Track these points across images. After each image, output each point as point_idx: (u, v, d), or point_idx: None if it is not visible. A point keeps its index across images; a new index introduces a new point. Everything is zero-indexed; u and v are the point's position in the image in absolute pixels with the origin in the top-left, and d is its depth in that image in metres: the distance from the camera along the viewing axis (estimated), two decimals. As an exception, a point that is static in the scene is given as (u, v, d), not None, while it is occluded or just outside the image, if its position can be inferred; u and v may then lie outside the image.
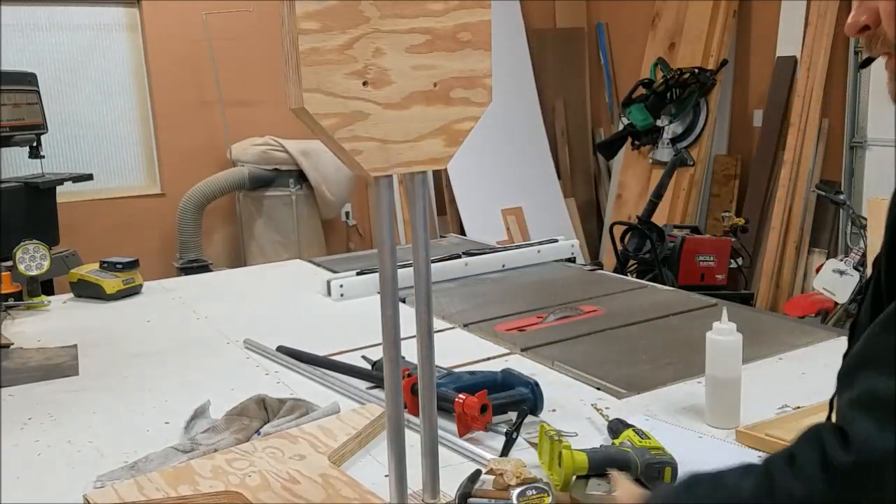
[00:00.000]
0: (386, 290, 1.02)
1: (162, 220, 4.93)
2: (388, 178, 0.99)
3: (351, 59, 0.91)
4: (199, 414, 1.46)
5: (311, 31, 0.88)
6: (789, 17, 4.60)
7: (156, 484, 1.18)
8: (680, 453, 1.16)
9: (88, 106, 4.82)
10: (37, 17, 4.62)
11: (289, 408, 1.46)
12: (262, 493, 1.15)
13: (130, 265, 2.43)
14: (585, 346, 1.83)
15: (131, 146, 5.00)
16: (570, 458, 1.12)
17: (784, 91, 4.62)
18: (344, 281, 2.36)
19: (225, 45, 4.90)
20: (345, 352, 1.81)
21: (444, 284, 2.46)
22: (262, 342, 1.88)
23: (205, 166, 4.95)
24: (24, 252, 2.35)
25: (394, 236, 1.01)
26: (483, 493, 1.13)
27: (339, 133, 0.92)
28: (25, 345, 1.95)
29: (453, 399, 1.34)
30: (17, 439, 1.43)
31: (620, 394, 1.53)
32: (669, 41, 5.17)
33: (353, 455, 1.32)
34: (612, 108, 5.81)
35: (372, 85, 0.93)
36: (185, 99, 4.95)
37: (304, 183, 4.94)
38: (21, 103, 3.90)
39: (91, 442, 1.41)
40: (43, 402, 1.61)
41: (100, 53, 4.82)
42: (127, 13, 4.87)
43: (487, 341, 1.90)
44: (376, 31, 0.92)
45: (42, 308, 2.31)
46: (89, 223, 4.66)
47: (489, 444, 1.31)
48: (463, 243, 3.13)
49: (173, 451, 1.31)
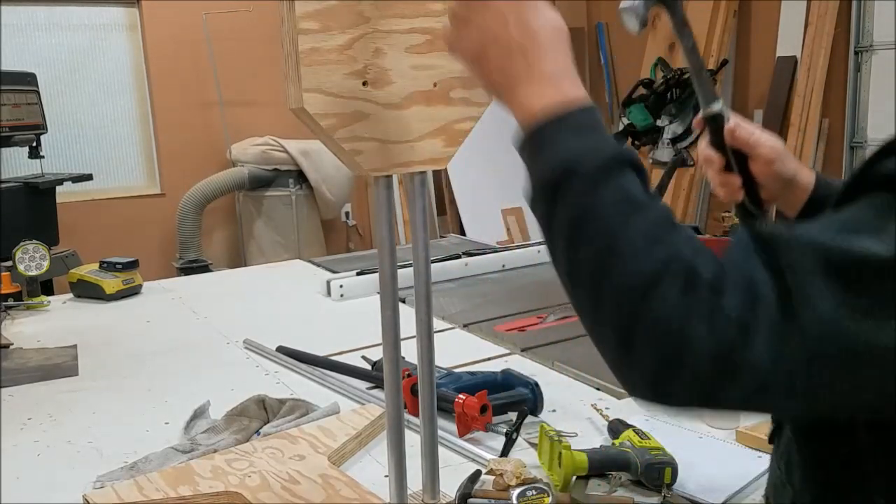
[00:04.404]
0: (386, 290, 1.02)
1: (162, 220, 4.93)
2: (387, 178, 0.99)
3: (351, 59, 0.91)
4: (198, 414, 1.46)
5: (310, 31, 0.88)
6: (789, 17, 4.60)
7: (155, 484, 1.18)
8: (680, 453, 1.16)
9: (88, 106, 4.82)
10: (36, 17, 4.62)
11: (289, 408, 1.46)
12: (262, 494, 1.15)
13: (130, 265, 2.43)
14: (585, 347, 1.81)
15: (131, 146, 5.00)
16: (570, 459, 1.12)
17: (784, 91, 4.61)
18: (344, 281, 2.36)
19: (225, 45, 4.90)
20: (345, 352, 1.81)
21: (444, 284, 2.46)
22: (262, 342, 1.88)
23: (205, 166, 4.95)
24: (23, 252, 2.35)
25: (394, 236, 1.01)
26: (483, 493, 1.13)
27: (338, 133, 0.92)
28: (25, 345, 1.94)
29: (453, 399, 1.34)
30: (17, 439, 1.43)
31: (620, 394, 1.52)
32: (669, 41, 5.17)
33: (353, 455, 1.32)
34: (612, 109, 5.80)
35: (372, 85, 0.93)
36: (185, 99, 4.95)
37: (304, 183, 4.94)
38: (21, 103, 3.89)
39: (91, 442, 1.41)
40: (43, 402, 1.61)
41: (100, 53, 4.82)
42: (127, 13, 4.87)
43: (487, 341, 1.90)
44: (376, 31, 0.92)
45: (42, 308, 2.31)
46: (89, 223, 4.66)
47: (489, 445, 1.31)
48: (463, 243, 3.13)
49: (173, 452, 1.31)
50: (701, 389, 0.59)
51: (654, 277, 0.59)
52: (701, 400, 0.61)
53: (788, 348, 0.57)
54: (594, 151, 0.66)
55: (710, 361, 0.57)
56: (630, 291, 0.60)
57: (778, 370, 0.57)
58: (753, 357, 0.57)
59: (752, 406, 0.64)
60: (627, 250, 0.61)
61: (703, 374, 0.58)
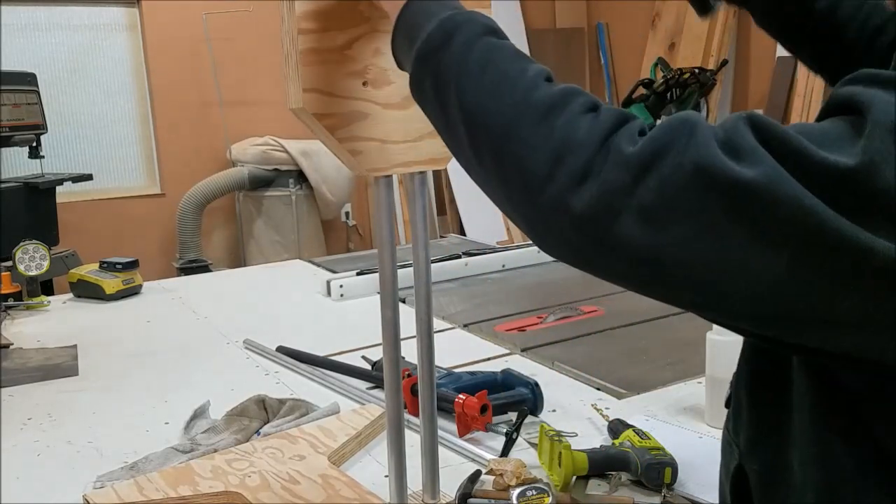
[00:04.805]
0: (386, 290, 1.02)
1: (162, 220, 4.93)
2: (387, 178, 0.99)
3: (350, 59, 0.91)
4: (198, 414, 1.46)
5: (310, 31, 0.88)
6: (789, 17, 4.60)
7: (155, 484, 1.18)
8: (680, 453, 1.16)
9: (88, 106, 4.82)
10: (37, 17, 4.62)
11: (289, 408, 1.46)
12: (262, 494, 1.15)
13: (130, 265, 2.43)
14: (585, 346, 1.83)
15: (131, 146, 5.00)
16: (570, 459, 1.12)
17: (784, 91, 4.62)
18: (344, 281, 2.36)
19: (225, 45, 4.90)
20: (345, 352, 1.81)
21: (444, 284, 2.46)
22: (262, 342, 1.88)
23: (205, 166, 4.95)
24: (23, 252, 2.35)
25: (394, 236, 1.01)
26: (483, 493, 1.13)
27: (338, 133, 0.92)
28: (25, 345, 1.94)
29: (453, 399, 1.34)
30: (17, 439, 1.43)
31: (620, 394, 1.53)
32: (669, 41, 5.17)
33: (353, 455, 1.32)
34: (612, 109, 5.80)
35: (371, 85, 0.93)
36: (185, 99, 4.95)
37: (304, 183, 4.94)
38: (21, 103, 3.89)
39: (91, 442, 1.41)
40: (43, 402, 1.61)
41: (100, 53, 4.82)
42: (127, 13, 4.87)
43: (487, 341, 1.90)
44: (376, 30, 0.92)
45: (42, 308, 2.31)
46: (89, 223, 4.66)
47: (489, 445, 1.31)
48: (463, 243, 3.13)
49: (173, 452, 1.31)
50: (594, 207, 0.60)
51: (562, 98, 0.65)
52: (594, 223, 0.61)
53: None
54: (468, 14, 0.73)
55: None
56: (537, 107, 0.65)
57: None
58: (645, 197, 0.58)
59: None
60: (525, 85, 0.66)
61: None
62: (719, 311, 0.63)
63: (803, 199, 0.54)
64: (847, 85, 0.61)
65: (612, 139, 0.62)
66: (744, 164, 0.56)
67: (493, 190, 0.69)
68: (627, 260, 0.61)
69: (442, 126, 0.73)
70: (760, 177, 0.55)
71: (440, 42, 0.71)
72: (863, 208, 0.55)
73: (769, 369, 0.74)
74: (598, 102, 0.65)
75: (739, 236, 0.56)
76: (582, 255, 0.65)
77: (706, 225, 0.57)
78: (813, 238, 0.55)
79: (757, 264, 0.57)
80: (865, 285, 0.56)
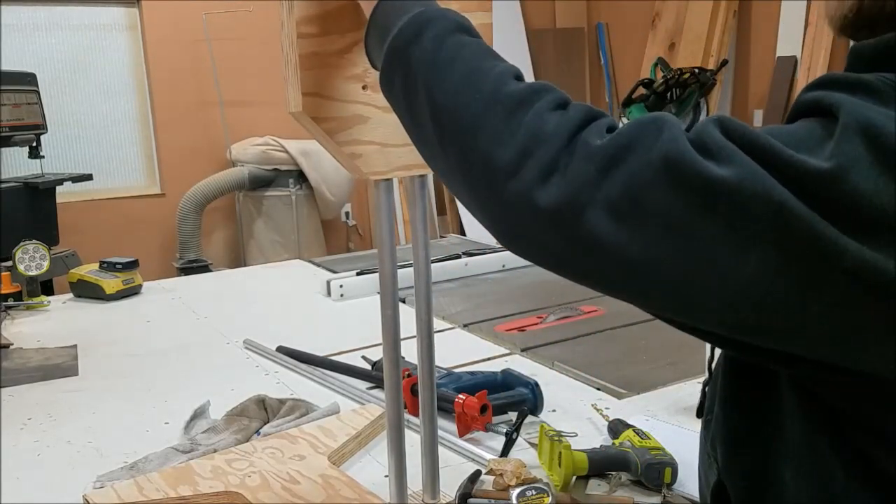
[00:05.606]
0: (386, 290, 1.02)
1: (162, 220, 4.93)
2: (387, 181, 0.99)
3: (350, 62, 0.91)
4: (198, 414, 1.46)
5: (309, 35, 0.88)
6: (789, 17, 4.60)
7: (155, 484, 1.18)
8: (680, 453, 1.17)
9: (88, 106, 4.82)
10: (37, 17, 4.61)
11: (289, 408, 1.46)
12: (262, 494, 1.15)
13: (130, 265, 2.43)
14: (585, 346, 1.83)
15: (131, 146, 5.00)
16: (570, 459, 1.13)
17: (784, 91, 4.62)
18: (344, 281, 2.37)
19: (225, 45, 4.90)
20: (345, 352, 1.81)
21: (444, 284, 2.46)
22: (262, 342, 1.88)
23: (205, 166, 4.95)
24: (23, 252, 2.35)
25: (394, 236, 1.01)
26: (483, 493, 1.13)
27: (338, 137, 0.92)
28: (25, 345, 1.95)
29: (453, 399, 1.35)
30: (17, 439, 1.43)
31: (620, 394, 1.53)
32: (669, 41, 5.17)
33: (353, 455, 1.32)
34: (612, 108, 5.80)
35: (371, 88, 0.93)
36: (185, 99, 4.95)
37: (304, 183, 4.94)
38: (21, 103, 3.89)
39: (91, 442, 1.41)
40: (43, 402, 1.61)
41: (100, 53, 4.82)
42: (126, 13, 4.86)
43: (487, 341, 1.90)
44: (376, 32, 0.92)
45: (42, 308, 2.32)
46: (89, 223, 4.66)
47: (489, 445, 1.31)
48: (463, 243, 3.13)
49: (173, 452, 1.31)
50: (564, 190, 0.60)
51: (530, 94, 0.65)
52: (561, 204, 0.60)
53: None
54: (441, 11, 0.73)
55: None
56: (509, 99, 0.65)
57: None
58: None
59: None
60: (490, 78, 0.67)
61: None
62: (689, 315, 0.61)
63: (775, 196, 0.54)
64: (812, 90, 0.61)
65: (581, 135, 0.61)
66: (715, 161, 0.55)
67: (458, 184, 0.68)
68: (593, 258, 0.60)
69: (409, 120, 0.73)
70: (732, 174, 0.54)
71: (410, 37, 0.71)
72: (834, 210, 0.54)
73: (751, 381, 0.72)
74: (567, 99, 0.65)
75: (709, 234, 0.55)
76: (546, 251, 0.63)
77: (675, 222, 0.56)
78: (784, 236, 0.54)
79: (726, 263, 0.55)
80: (836, 287, 0.55)
